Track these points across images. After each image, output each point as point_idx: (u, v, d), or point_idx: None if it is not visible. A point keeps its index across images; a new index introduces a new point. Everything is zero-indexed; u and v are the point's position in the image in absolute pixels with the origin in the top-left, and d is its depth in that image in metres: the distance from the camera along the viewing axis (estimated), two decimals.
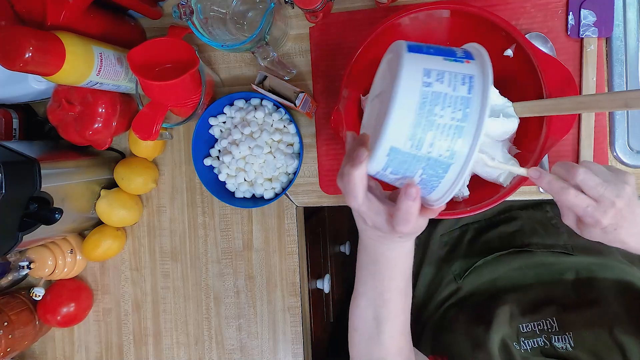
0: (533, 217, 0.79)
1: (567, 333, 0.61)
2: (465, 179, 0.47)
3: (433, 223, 0.87)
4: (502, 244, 0.75)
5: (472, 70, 0.37)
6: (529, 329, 0.64)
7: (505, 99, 0.57)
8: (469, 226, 0.83)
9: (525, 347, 0.62)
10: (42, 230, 0.65)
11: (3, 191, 0.57)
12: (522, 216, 0.79)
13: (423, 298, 0.81)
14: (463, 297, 0.73)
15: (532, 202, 0.82)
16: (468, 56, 0.39)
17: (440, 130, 0.35)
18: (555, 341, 0.61)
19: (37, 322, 0.79)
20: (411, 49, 0.38)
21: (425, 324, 0.76)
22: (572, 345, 0.60)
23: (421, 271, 0.83)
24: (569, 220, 0.47)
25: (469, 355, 0.63)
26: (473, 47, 0.41)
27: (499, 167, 0.47)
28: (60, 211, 0.63)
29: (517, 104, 0.56)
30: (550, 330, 0.63)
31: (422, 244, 0.85)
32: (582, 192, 0.44)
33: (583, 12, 0.62)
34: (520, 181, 0.55)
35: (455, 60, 0.38)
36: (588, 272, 0.68)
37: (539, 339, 0.62)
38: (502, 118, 0.53)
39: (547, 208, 0.80)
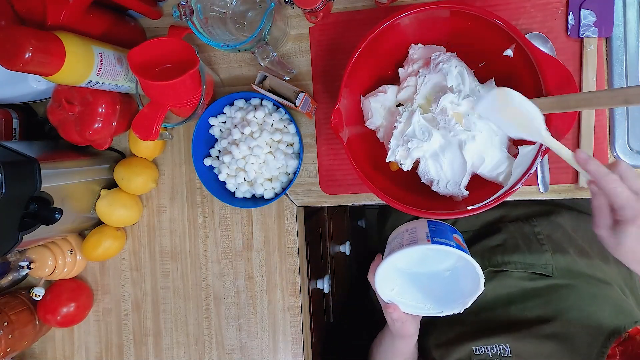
0: (519, 231, 0.75)
1: None
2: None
3: None
4: (483, 262, 0.72)
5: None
6: (482, 351, 0.64)
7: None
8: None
9: None
10: (42, 230, 0.65)
11: (3, 191, 0.57)
12: (509, 229, 0.76)
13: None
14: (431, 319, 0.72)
15: (523, 215, 0.80)
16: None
17: None
18: None
19: (37, 322, 0.79)
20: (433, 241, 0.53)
21: None
22: None
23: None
24: (603, 222, 0.48)
25: None
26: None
27: (551, 143, 0.50)
28: (60, 211, 0.63)
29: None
30: (503, 355, 0.62)
31: None
32: None
33: (583, 12, 0.62)
34: (520, 180, 0.55)
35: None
36: (558, 301, 0.65)
37: None
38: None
39: (536, 222, 0.76)
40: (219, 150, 0.73)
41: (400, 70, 0.63)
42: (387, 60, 0.64)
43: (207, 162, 0.73)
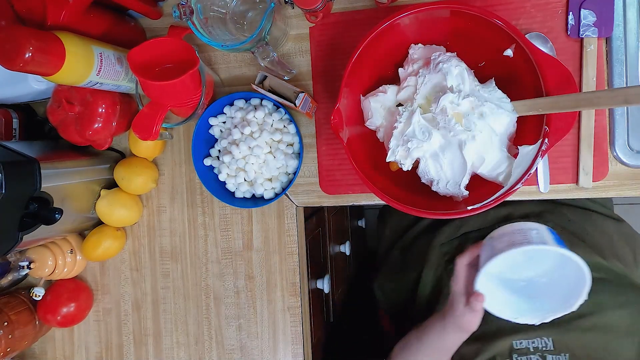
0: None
1: (562, 354, 0.61)
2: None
3: (432, 232, 0.86)
4: None
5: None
6: (523, 345, 0.63)
7: (504, 95, 0.57)
8: (468, 235, 0.81)
9: None
10: (42, 230, 0.65)
11: (3, 191, 0.57)
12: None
13: (425, 308, 0.80)
14: None
15: (533, 213, 0.80)
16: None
17: None
18: None
19: (37, 322, 0.79)
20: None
21: None
22: None
23: (420, 281, 0.82)
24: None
25: None
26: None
27: None
28: (60, 211, 0.63)
29: (517, 102, 0.56)
30: (545, 349, 0.62)
31: (421, 254, 0.85)
32: None
33: (583, 12, 0.62)
34: (520, 180, 0.55)
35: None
36: (594, 294, 0.66)
37: (532, 356, 0.62)
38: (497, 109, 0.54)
39: (548, 218, 0.78)
40: (219, 150, 0.73)
41: (400, 70, 0.63)
42: (387, 60, 0.64)
43: (207, 162, 0.73)
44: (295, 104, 0.65)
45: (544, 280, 0.57)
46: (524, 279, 0.58)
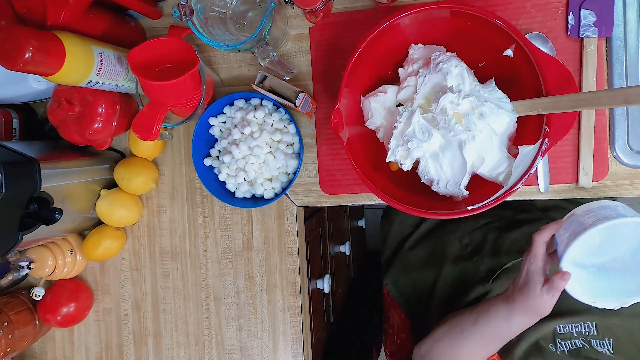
0: (557, 219, 0.77)
1: (606, 338, 0.60)
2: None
3: (448, 227, 0.86)
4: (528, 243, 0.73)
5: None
6: (567, 330, 0.62)
7: (504, 95, 0.57)
8: (489, 225, 0.81)
9: (561, 349, 0.61)
10: (42, 230, 0.65)
11: (3, 191, 0.57)
12: (546, 217, 0.76)
13: (446, 299, 0.79)
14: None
15: (551, 203, 0.80)
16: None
17: None
18: (595, 345, 0.60)
19: (37, 322, 0.79)
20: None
21: None
22: (612, 351, 0.59)
23: (441, 273, 0.81)
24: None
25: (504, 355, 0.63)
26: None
27: None
28: (60, 211, 0.63)
29: (517, 102, 0.56)
30: (588, 333, 0.61)
31: (438, 249, 0.84)
32: None
33: (583, 12, 0.62)
34: (520, 180, 0.55)
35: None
36: None
37: (576, 341, 0.61)
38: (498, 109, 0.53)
39: (565, 209, 0.77)
40: (219, 150, 0.73)
41: (400, 70, 0.63)
42: (387, 60, 0.64)
43: (207, 162, 0.73)
44: (295, 104, 0.65)
45: (626, 262, 0.54)
46: (604, 260, 0.54)
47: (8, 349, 0.74)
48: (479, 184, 0.59)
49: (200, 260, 0.80)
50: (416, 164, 0.61)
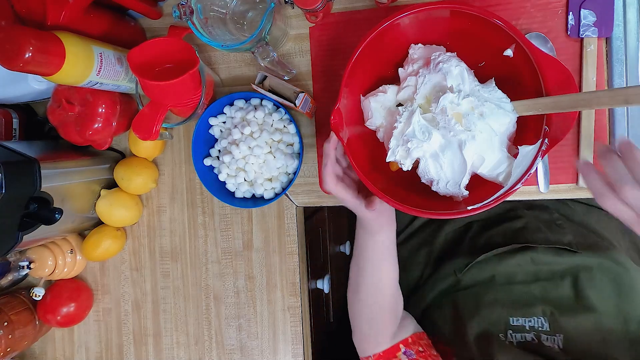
0: (539, 217, 0.79)
1: (557, 334, 0.62)
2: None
3: (437, 223, 0.87)
4: (505, 241, 0.75)
5: None
6: (520, 323, 0.64)
7: (504, 95, 0.57)
8: (473, 223, 0.83)
9: (510, 340, 0.63)
10: (42, 230, 0.65)
11: (3, 191, 0.57)
12: (528, 215, 0.79)
13: (421, 289, 0.81)
14: (461, 287, 0.74)
15: (537, 203, 0.81)
16: None
17: None
18: (544, 340, 0.62)
19: (37, 322, 0.79)
20: None
21: (418, 306, 0.77)
22: (561, 347, 0.61)
23: (425, 269, 0.83)
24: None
25: (450, 336, 0.66)
26: None
27: None
28: (60, 211, 0.63)
29: (517, 102, 0.56)
30: (540, 329, 0.63)
31: (427, 243, 0.85)
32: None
33: (583, 12, 0.62)
34: (520, 180, 0.55)
35: None
36: (588, 275, 0.67)
37: (527, 335, 0.63)
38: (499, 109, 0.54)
39: (553, 209, 0.80)
40: (219, 150, 0.73)
41: (400, 70, 0.63)
42: (387, 60, 0.64)
43: (207, 162, 0.73)
44: (295, 104, 0.65)
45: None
46: None
47: (8, 349, 0.74)
48: (479, 184, 0.59)
49: (200, 260, 0.80)
50: (416, 164, 0.61)
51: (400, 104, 0.63)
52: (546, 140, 0.54)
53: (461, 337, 0.66)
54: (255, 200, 0.73)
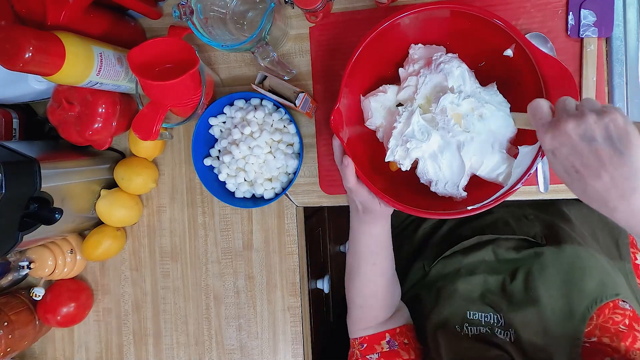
0: (510, 213, 0.80)
1: (510, 329, 0.64)
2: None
3: (420, 220, 0.88)
4: (473, 235, 0.76)
5: None
6: (476, 317, 0.66)
7: (504, 99, 0.57)
8: (447, 220, 0.84)
9: (466, 332, 0.65)
10: (42, 230, 0.65)
11: (3, 191, 0.57)
12: (501, 211, 0.80)
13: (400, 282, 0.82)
14: (427, 281, 0.75)
15: (515, 201, 0.81)
16: None
17: None
18: (497, 333, 0.64)
19: (37, 322, 0.79)
20: None
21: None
22: (512, 340, 0.63)
23: (411, 266, 0.83)
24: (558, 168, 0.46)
25: (417, 329, 0.69)
26: None
27: None
28: (60, 211, 0.63)
29: (516, 114, 0.56)
30: (494, 324, 0.65)
31: (408, 238, 0.86)
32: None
33: (583, 12, 0.62)
34: (520, 180, 0.55)
35: None
36: (541, 267, 0.68)
37: (482, 328, 0.65)
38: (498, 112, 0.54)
39: (528, 208, 0.80)
40: (219, 150, 0.73)
41: (401, 70, 0.63)
42: (387, 60, 0.64)
43: (207, 162, 0.73)
44: (295, 104, 0.65)
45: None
46: None
47: (8, 349, 0.74)
48: (478, 184, 0.59)
49: (200, 260, 0.80)
50: (415, 164, 0.61)
51: (400, 104, 0.63)
52: None
53: (422, 329, 0.68)
54: (255, 200, 0.73)
